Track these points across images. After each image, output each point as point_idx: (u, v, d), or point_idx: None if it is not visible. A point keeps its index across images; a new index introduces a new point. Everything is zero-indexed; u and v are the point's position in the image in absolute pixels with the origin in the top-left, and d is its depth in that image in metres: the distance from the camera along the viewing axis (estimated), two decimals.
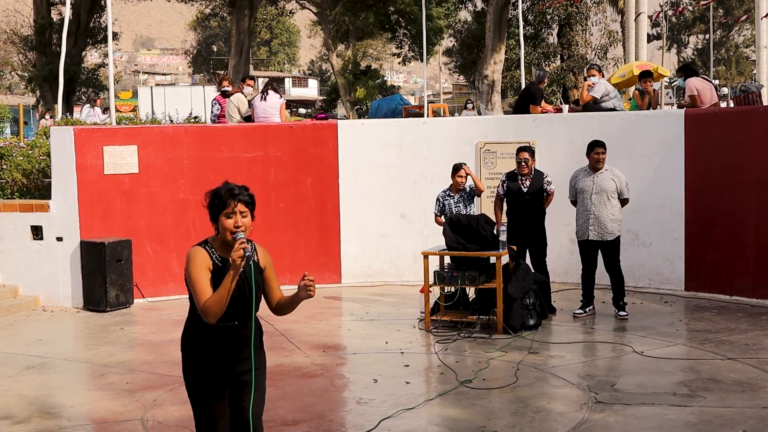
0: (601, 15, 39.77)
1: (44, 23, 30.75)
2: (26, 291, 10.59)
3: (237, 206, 4.01)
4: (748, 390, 6.58)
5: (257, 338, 4.23)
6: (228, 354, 4.14)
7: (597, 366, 7.53)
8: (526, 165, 9.44)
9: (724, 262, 10.13)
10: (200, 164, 10.99)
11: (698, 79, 11.13)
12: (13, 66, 42.93)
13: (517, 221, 9.50)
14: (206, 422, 4.16)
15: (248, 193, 4.09)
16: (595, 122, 11.07)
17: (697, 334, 8.50)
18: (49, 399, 6.85)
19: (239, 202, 4.01)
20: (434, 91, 68.90)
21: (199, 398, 4.16)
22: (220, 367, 4.14)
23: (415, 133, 11.75)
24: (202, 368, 4.11)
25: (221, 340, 4.11)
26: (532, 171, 9.51)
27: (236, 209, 4.00)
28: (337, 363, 7.82)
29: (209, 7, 47.46)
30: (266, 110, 11.79)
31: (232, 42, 33.33)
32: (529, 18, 36.23)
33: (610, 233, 9.18)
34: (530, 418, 6.07)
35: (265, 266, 4.22)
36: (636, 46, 32.18)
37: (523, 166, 9.45)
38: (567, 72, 35.37)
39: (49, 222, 10.48)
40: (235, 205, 4.00)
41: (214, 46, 71.28)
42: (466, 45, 43.70)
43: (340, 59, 48.02)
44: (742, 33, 63.61)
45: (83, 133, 10.64)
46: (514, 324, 8.60)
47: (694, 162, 10.42)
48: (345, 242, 11.63)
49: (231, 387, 4.22)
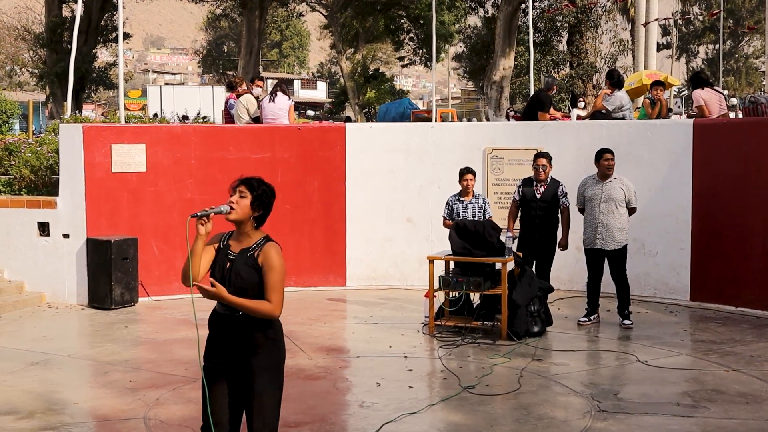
0: (612, 23, 39.71)
1: (56, 21, 30.86)
2: (32, 287, 10.62)
3: (239, 187, 4.30)
4: (752, 402, 6.56)
5: (251, 335, 4.20)
6: (220, 342, 4.27)
7: (601, 374, 7.51)
8: (543, 171, 9.43)
9: (730, 273, 10.10)
10: (208, 164, 11.01)
11: (706, 90, 11.10)
12: (23, 63, 43.04)
13: (528, 228, 9.49)
14: (203, 389, 4.27)
15: (257, 180, 4.34)
16: (603, 130, 11.06)
17: (702, 345, 8.48)
18: (53, 395, 6.86)
19: (242, 183, 4.31)
20: (443, 96, 68.89)
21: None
22: (216, 354, 4.27)
23: (422, 138, 11.76)
24: (206, 347, 4.33)
25: (215, 326, 4.32)
26: (548, 178, 9.50)
27: (237, 189, 4.30)
28: (340, 366, 7.82)
29: (220, 8, 47.55)
30: (275, 112, 11.80)
31: (242, 43, 33.45)
32: (539, 25, 36.19)
33: (617, 242, 9.16)
34: (533, 425, 6.06)
35: (262, 264, 4.22)
36: (645, 55, 32.16)
37: (540, 172, 9.43)
38: (576, 79, 35.31)
39: (56, 219, 10.51)
40: (238, 186, 4.31)
41: (224, 47, 71.41)
42: (475, 50, 43.67)
43: (349, 62, 48.06)
44: (752, 44, 63.48)
45: (92, 131, 10.67)
46: (518, 330, 8.59)
47: (701, 172, 10.39)
48: (351, 245, 11.64)
49: (233, 385, 4.25)
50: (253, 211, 4.28)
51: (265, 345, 4.23)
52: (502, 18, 28.63)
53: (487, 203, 9.62)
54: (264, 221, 4.38)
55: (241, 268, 4.21)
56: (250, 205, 4.26)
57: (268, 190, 4.34)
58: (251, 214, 4.28)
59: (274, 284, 4.18)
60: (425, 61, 47.00)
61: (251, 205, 4.26)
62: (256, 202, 4.27)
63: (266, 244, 4.27)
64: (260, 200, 4.29)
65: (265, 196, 4.31)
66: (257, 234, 4.33)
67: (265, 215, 4.37)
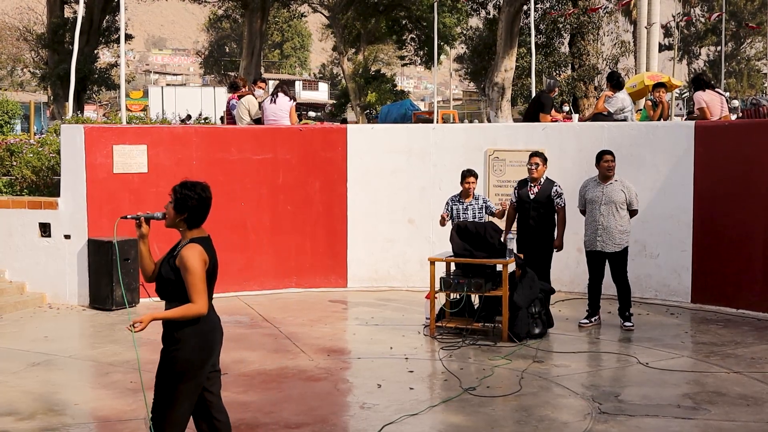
0: (614, 25, 39.72)
1: (58, 21, 30.90)
2: (33, 288, 10.62)
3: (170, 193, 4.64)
4: (752, 404, 6.55)
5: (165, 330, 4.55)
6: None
7: (601, 376, 7.51)
8: (536, 170, 9.42)
9: (731, 275, 10.10)
10: (209, 165, 11.01)
11: (707, 91, 11.10)
12: (25, 63, 43.07)
13: (524, 229, 9.49)
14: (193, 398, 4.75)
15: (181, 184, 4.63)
16: (604, 132, 11.06)
17: (703, 347, 8.47)
18: (54, 396, 6.87)
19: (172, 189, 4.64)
20: (444, 97, 68.90)
21: None
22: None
23: (424, 139, 11.76)
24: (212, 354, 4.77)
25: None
26: (542, 178, 9.49)
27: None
28: (341, 367, 7.82)
29: (222, 9, 47.59)
30: (276, 113, 11.80)
31: (243, 44, 33.44)
32: (541, 27, 36.21)
33: (617, 244, 9.15)
34: (533, 427, 6.06)
35: (179, 265, 4.46)
36: (647, 57, 32.12)
37: (532, 170, 9.43)
38: (578, 81, 35.31)
39: (57, 219, 10.51)
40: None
41: (225, 48, 71.46)
42: (477, 52, 43.71)
43: (351, 63, 48.10)
44: (754, 46, 63.44)
45: (93, 132, 10.68)
46: (519, 332, 8.58)
47: (703, 174, 10.39)
48: (352, 246, 11.64)
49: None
50: (177, 214, 4.54)
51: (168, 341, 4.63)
52: (503, 19, 28.62)
53: (487, 201, 9.61)
54: (196, 222, 4.59)
55: (164, 268, 4.55)
56: (174, 209, 4.55)
57: (190, 194, 4.54)
58: (176, 217, 4.55)
59: (190, 285, 4.42)
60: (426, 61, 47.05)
61: (174, 210, 4.55)
62: (178, 206, 4.54)
63: (185, 246, 4.48)
64: (181, 204, 4.54)
65: (187, 199, 4.53)
66: (189, 235, 4.57)
67: (194, 217, 4.57)
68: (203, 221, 4.64)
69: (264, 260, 11.29)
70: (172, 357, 4.51)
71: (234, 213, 11.05)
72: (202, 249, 4.48)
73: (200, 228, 4.63)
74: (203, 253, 4.48)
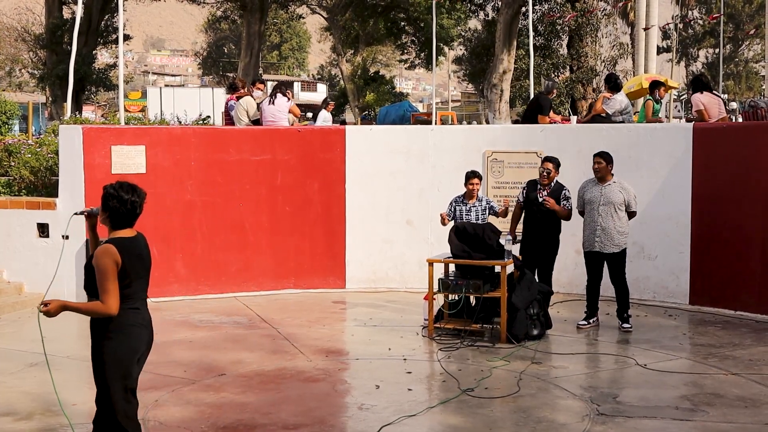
0: (612, 27, 39.72)
1: (57, 22, 30.87)
2: (31, 288, 10.61)
3: None
4: (750, 406, 6.56)
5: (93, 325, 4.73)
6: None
7: (600, 378, 7.51)
8: (548, 176, 9.44)
9: (729, 277, 10.11)
10: (208, 166, 11.01)
11: (705, 94, 11.10)
12: (23, 63, 43.03)
13: (530, 230, 9.51)
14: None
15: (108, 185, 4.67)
16: (602, 134, 11.07)
17: (701, 349, 8.48)
18: (52, 396, 6.82)
19: None
20: (443, 98, 68.90)
21: None
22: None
23: (423, 141, 11.76)
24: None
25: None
26: (553, 183, 9.50)
27: None
28: (339, 368, 7.81)
29: (221, 10, 47.58)
30: (274, 114, 11.81)
31: (242, 45, 33.43)
32: (540, 28, 36.21)
33: (616, 245, 9.16)
34: (532, 428, 6.06)
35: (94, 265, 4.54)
36: (645, 59, 32.15)
37: (544, 177, 9.44)
38: (576, 83, 35.32)
39: (56, 220, 10.51)
40: None
41: (224, 49, 71.44)
42: (475, 53, 43.68)
43: (349, 65, 48.10)
44: (752, 48, 63.49)
45: (92, 132, 10.67)
46: (517, 333, 8.58)
47: (701, 176, 10.40)
48: (350, 247, 11.64)
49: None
50: (102, 212, 4.63)
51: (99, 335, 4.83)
52: (502, 21, 28.62)
53: (490, 202, 9.64)
54: (119, 223, 4.64)
55: (88, 266, 4.62)
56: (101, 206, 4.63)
57: (113, 193, 4.59)
58: (102, 215, 4.64)
59: (99, 285, 4.51)
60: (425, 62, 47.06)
61: (101, 207, 4.63)
62: (102, 204, 4.62)
63: (99, 246, 4.57)
64: (104, 202, 4.61)
65: (107, 198, 4.59)
66: (111, 234, 4.64)
67: (115, 217, 4.61)
68: (129, 224, 4.67)
69: (262, 261, 11.28)
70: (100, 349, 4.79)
71: (232, 214, 11.06)
72: (114, 250, 4.49)
73: (130, 228, 4.68)
74: (115, 254, 4.49)
